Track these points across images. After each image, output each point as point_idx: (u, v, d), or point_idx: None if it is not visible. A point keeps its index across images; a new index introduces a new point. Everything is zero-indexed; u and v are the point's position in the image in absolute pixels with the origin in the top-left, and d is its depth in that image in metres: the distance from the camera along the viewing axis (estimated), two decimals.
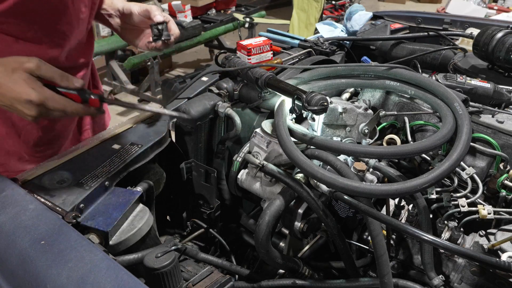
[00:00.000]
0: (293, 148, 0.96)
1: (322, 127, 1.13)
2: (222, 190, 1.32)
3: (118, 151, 1.07)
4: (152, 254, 0.89)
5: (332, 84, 1.26)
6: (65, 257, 0.75)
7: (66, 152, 1.08)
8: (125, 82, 4.28)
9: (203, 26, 4.47)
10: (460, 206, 1.05)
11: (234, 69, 1.27)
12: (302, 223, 1.05)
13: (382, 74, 1.23)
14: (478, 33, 1.35)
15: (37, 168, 1.02)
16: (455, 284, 1.06)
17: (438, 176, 0.88)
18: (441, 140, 0.96)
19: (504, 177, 1.06)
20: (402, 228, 0.87)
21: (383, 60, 1.68)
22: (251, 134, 1.14)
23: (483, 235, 1.03)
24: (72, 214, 0.88)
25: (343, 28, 1.77)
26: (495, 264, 0.81)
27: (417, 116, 1.24)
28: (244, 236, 1.35)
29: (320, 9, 4.13)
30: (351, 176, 0.94)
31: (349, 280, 1.05)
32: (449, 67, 1.47)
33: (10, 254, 0.78)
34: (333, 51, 1.59)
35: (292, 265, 1.08)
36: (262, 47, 1.32)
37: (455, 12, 4.84)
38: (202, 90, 1.33)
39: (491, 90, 1.23)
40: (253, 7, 5.14)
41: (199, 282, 0.97)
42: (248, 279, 1.11)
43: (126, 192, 0.99)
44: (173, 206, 1.36)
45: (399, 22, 1.98)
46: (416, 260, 1.14)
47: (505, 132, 1.13)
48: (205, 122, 1.26)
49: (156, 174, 1.16)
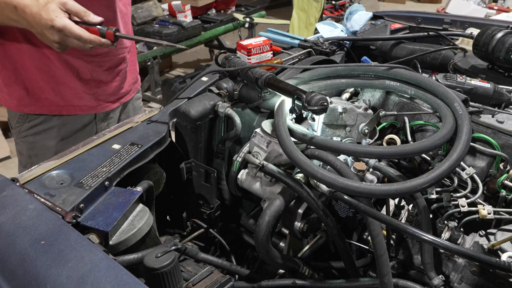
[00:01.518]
0: (293, 148, 0.96)
1: (322, 127, 1.13)
2: (222, 190, 1.32)
3: (118, 151, 1.07)
4: (152, 254, 0.89)
5: (332, 84, 1.26)
6: (65, 257, 0.75)
7: (66, 152, 1.08)
8: None
9: (203, 26, 4.48)
10: (460, 206, 1.05)
11: (234, 69, 1.27)
12: (302, 223, 1.05)
13: (382, 74, 1.23)
14: (478, 33, 1.35)
15: (37, 168, 1.02)
16: (455, 284, 1.06)
17: (438, 176, 0.88)
18: (441, 140, 0.96)
19: (504, 177, 1.06)
20: (402, 228, 0.87)
21: (383, 60, 1.68)
22: (251, 134, 1.14)
23: (483, 235, 1.03)
24: (72, 214, 0.88)
25: (343, 28, 1.77)
26: (495, 264, 0.81)
27: (417, 116, 1.24)
28: (244, 236, 1.35)
29: (320, 9, 4.13)
30: (351, 176, 0.94)
31: (349, 280, 1.05)
32: (449, 67, 1.47)
33: (10, 254, 0.78)
34: (333, 51, 1.59)
35: (292, 265, 1.08)
36: (262, 47, 1.32)
37: (455, 12, 4.84)
38: (202, 90, 1.33)
39: (491, 90, 1.23)
40: (253, 7, 5.14)
41: (199, 282, 0.97)
42: (248, 279, 1.11)
43: (126, 192, 0.99)
44: (173, 206, 1.36)
45: (399, 22, 1.98)
46: (416, 260, 1.14)
47: (505, 132, 1.13)
48: (205, 122, 1.26)
49: (156, 174, 1.16)
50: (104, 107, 1.58)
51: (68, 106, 1.49)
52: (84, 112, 1.53)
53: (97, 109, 1.56)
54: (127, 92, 1.68)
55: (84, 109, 1.52)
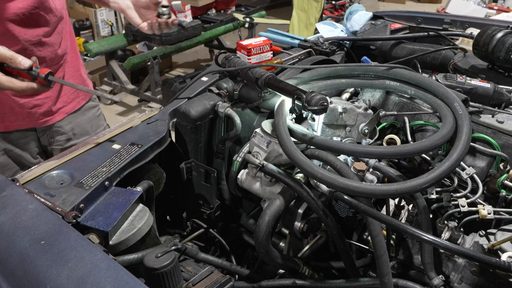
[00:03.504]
0: (293, 148, 0.96)
1: (322, 127, 1.13)
2: (222, 190, 1.32)
3: (118, 151, 1.07)
4: (152, 254, 0.89)
5: (332, 84, 1.26)
6: (65, 257, 0.75)
7: (66, 152, 1.08)
8: (125, 82, 4.28)
9: (203, 26, 4.47)
10: (460, 206, 1.05)
11: (234, 69, 1.27)
12: (302, 223, 1.05)
13: (382, 74, 1.23)
14: (478, 33, 1.35)
15: (37, 168, 1.02)
16: (455, 284, 1.06)
17: (438, 176, 0.88)
18: (441, 140, 0.96)
19: (504, 177, 1.06)
20: (402, 228, 0.87)
21: (383, 60, 1.68)
22: (251, 134, 1.14)
23: (483, 235, 1.03)
24: (72, 214, 0.88)
25: (343, 28, 1.77)
26: (495, 264, 0.81)
27: (417, 116, 1.24)
28: (244, 236, 1.35)
29: (320, 9, 4.12)
30: (351, 176, 0.94)
31: (349, 280, 1.05)
32: (449, 67, 1.47)
33: (10, 254, 0.78)
34: (333, 51, 1.59)
35: (292, 265, 1.08)
36: (262, 47, 1.32)
37: (455, 12, 4.84)
38: (202, 90, 1.33)
39: (491, 90, 1.23)
40: (253, 7, 5.14)
41: (199, 282, 0.97)
42: (248, 279, 1.11)
43: (126, 192, 0.99)
44: (173, 206, 1.36)
45: (399, 22, 1.98)
46: (416, 260, 1.14)
47: (505, 132, 1.13)
48: (205, 122, 1.26)
49: (156, 174, 1.16)
50: (44, 122, 1.50)
51: (5, 123, 1.43)
52: (23, 127, 1.47)
53: (36, 123, 1.49)
54: (71, 100, 1.57)
55: (22, 125, 1.46)
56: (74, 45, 1.60)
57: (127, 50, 4.59)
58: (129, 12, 1.43)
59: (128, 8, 1.43)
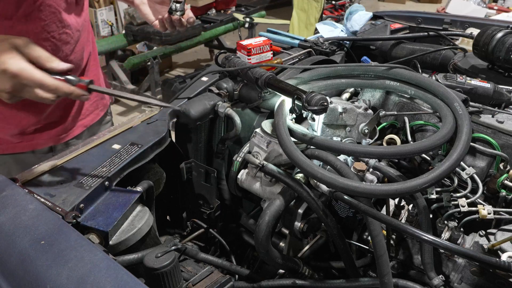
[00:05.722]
0: (293, 148, 0.96)
1: (322, 127, 1.13)
2: (222, 190, 1.32)
3: (118, 151, 1.07)
4: (152, 254, 0.89)
5: (332, 84, 1.26)
6: (65, 257, 0.75)
7: (66, 152, 1.08)
8: (125, 82, 4.28)
9: (203, 26, 4.47)
10: (460, 206, 1.05)
11: (234, 69, 1.27)
12: (302, 223, 1.05)
13: (382, 74, 1.23)
14: (478, 33, 1.35)
15: (37, 168, 1.02)
16: (455, 284, 1.06)
17: (438, 176, 0.88)
18: (441, 140, 0.96)
19: (504, 177, 1.06)
20: (402, 228, 0.87)
21: (383, 60, 1.68)
22: (251, 134, 1.14)
23: (483, 235, 1.03)
24: (72, 214, 0.88)
25: (343, 28, 1.77)
26: (495, 264, 0.81)
27: (417, 116, 1.24)
28: (244, 236, 1.35)
29: (320, 9, 4.13)
30: (351, 176, 0.94)
31: (349, 280, 1.05)
32: (449, 67, 1.47)
33: (10, 254, 0.78)
34: (333, 51, 1.59)
35: (292, 265, 1.08)
36: (262, 47, 1.32)
37: (455, 12, 4.84)
38: (202, 90, 1.33)
39: (491, 90, 1.23)
40: (253, 7, 5.14)
41: (199, 282, 0.97)
42: (248, 279, 1.11)
43: (126, 192, 0.99)
44: (173, 206, 1.36)
45: (399, 22, 1.98)
46: (416, 260, 1.14)
47: (505, 132, 1.13)
48: (205, 122, 1.26)
49: (156, 174, 1.16)
50: (60, 139, 1.38)
51: (22, 143, 1.31)
52: (40, 147, 1.35)
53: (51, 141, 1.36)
54: (89, 112, 1.45)
55: (39, 144, 1.34)
56: (95, 52, 1.48)
57: (127, 50, 4.59)
58: (143, 8, 1.37)
59: (142, 3, 1.37)
